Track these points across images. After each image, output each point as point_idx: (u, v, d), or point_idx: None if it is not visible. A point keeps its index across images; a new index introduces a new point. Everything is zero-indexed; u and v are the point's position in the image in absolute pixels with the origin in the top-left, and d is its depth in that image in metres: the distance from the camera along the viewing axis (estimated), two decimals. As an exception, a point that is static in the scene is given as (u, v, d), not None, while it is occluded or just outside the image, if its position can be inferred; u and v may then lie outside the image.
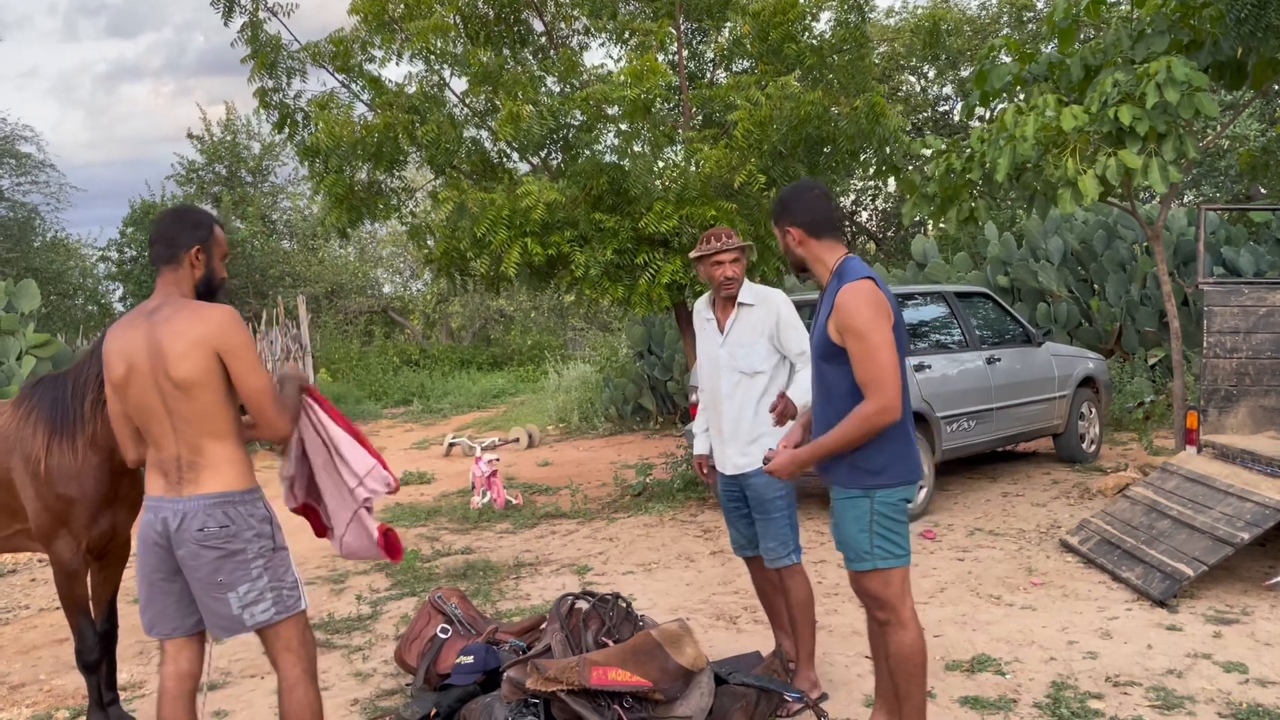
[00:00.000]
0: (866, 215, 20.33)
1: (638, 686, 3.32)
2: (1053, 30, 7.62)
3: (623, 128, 7.52)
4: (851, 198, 19.39)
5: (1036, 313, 11.69)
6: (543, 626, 4.00)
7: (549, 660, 3.46)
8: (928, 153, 7.79)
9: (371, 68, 7.98)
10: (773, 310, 3.84)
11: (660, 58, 7.49)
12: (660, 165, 7.69)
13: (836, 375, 3.00)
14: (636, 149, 7.44)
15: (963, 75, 17.33)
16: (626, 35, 7.99)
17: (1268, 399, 5.87)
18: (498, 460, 8.49)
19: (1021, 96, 7.71)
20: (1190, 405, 6.13)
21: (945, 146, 7.21)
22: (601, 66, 8.64)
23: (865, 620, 3.25)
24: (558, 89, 8.11)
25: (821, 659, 4.17)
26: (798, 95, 7.01)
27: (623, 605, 3.95)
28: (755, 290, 3.90)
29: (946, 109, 18.78)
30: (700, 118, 8.11)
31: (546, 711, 3.34)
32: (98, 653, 3.78)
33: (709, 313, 4.01)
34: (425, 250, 8.70)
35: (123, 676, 4.48)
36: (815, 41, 7.79)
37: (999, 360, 7.60)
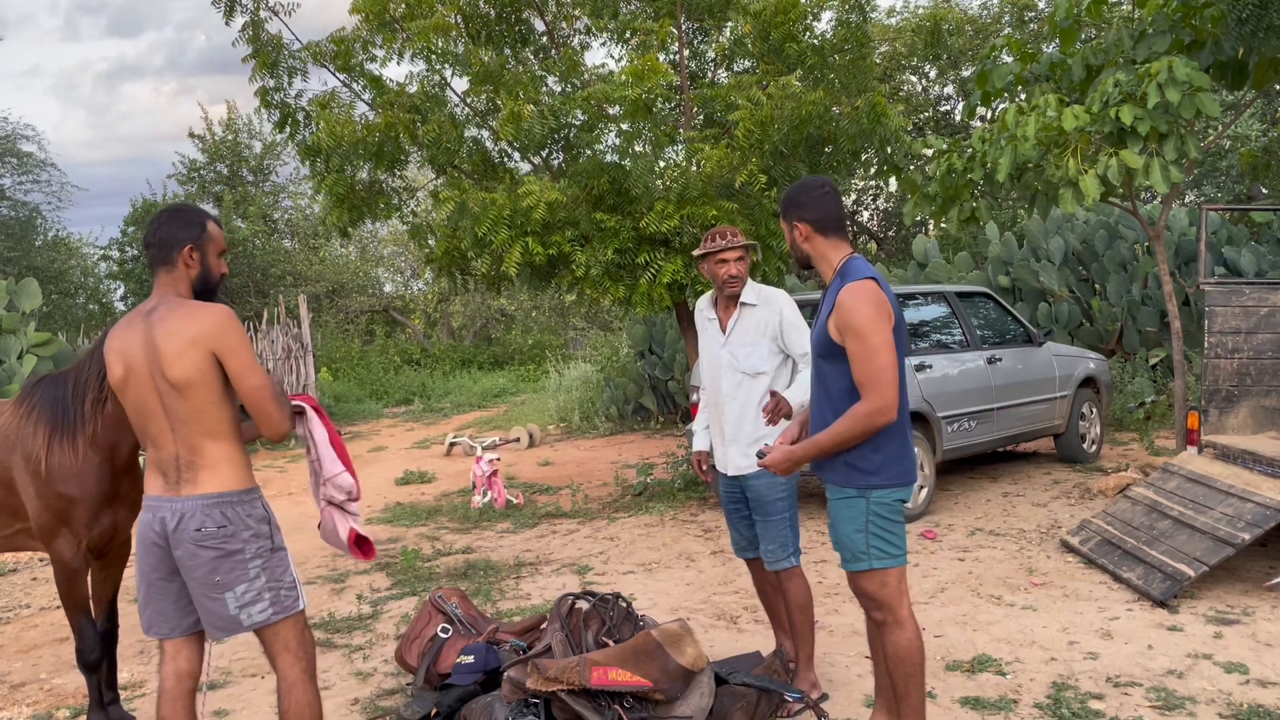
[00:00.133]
0: (868, 215, 20.32)
1: (638, 686, 3.32)
2: (1054, 30, 7.62)
3: (624, 127, 7.52)
4: (853, 197, 19.39)
5: (1038, 313, 11.68)
6: (543, 626, 4.00)
7: (549, 660, 3.46)
8: (929, 152, 7.79)
9: (373, 67, 8.00)
10: (775, 310, 3.81)
11: (661, 57, 7.49)
12: (661, 165, 7.69)
13: (835, 374, 3.00)
14: (638, 149, 7.44)
15: (964, 75, 17.32)
16: (628, 35, 7.99)
17: (1269, 399, 5.87)
18: (498, 460, 8.49)
19: (1023, 96, 7.70)
20: (1191, 405, 6.12)
21: (946, 146, 7.21)
22: (603, 66, 8.64)
23: (865, 620, 3.25)
24: (559, 89, 8.11)
25: (822, 659, 4.17)
26: (799, 95, 7.00)
27: (623, 605, 3.95)
28: (758, 290, 3.87)
29: (948, 109, 18.77)
30: (701, 117, 8.10)
31: (547, 711, 3.34)
32: (98, 652, 3.78)
33: (711, 312, 3.97)
34: (426, 250, 8.72)
35: (123, 676, 4.48)
36: (816, 41, 7.78)
37: (1000, 360, 7.59)
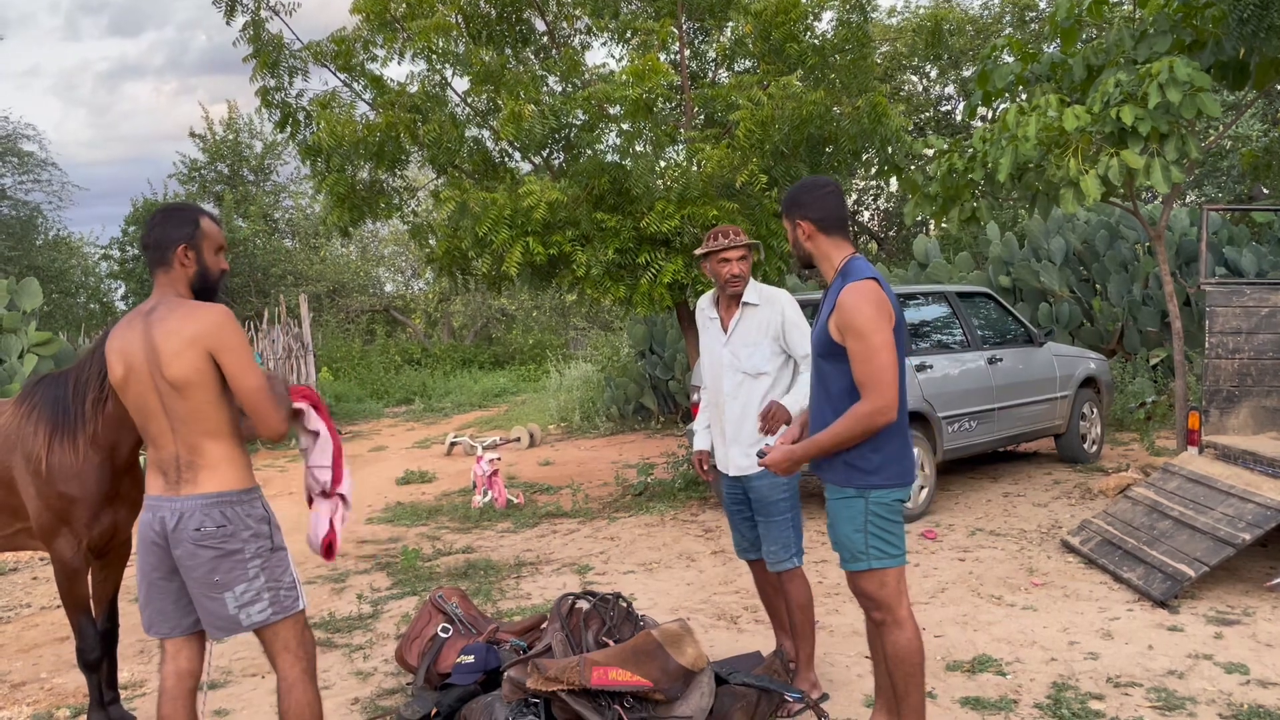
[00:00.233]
0: (868, 215, 20.31)
1: (638, 686, 3.32)
2: (1055, 30, 7.61)
3: (624, 127, 7.52)
4: (853, 197, 19.37)
5: (1038, 313, 11.68)
6: (543, 626, 4.00)
7: (549, 660, 3.46)
8: (930, 152, 7.78)
9: (373, 67, 8.00)
10: (778, 311, 3.79)
11: (662, 57, 7.49)
12: (662, 165, 7.69)
13: (836, 373, 3.00)
14: (638, 148, 7.44)
15: (965, 75, 17.31)
16: (628, 34, 7.99)
17: (1269, 400, 5.87)
18: (499, 459, 8.49)
19: (1024, 96, 7.70)
20: (1192, 406, 6.12)
21: (947, 146, 7.20)
22: (603, 66, 8.65)
23: (865, 620, 3.24)
24: (559, 88, 8.11)
25: (822, 659, 4.17)
26: (800, 95, 7.00)
27: (623, 605, 3.95)
28: (761, 290, 3.84)
29: (948, 109, 18.76)
30: (702, 117, 8.10)
31: (547, 711, 3.34)
32: (99, 651, 3.78)
33: (713, 311, 3.94)
34: (427, 249, 8.72)
35: (123, 675, 4.48)
36: (817, 41, 7.78)
37: (1001, 360, 7.59)
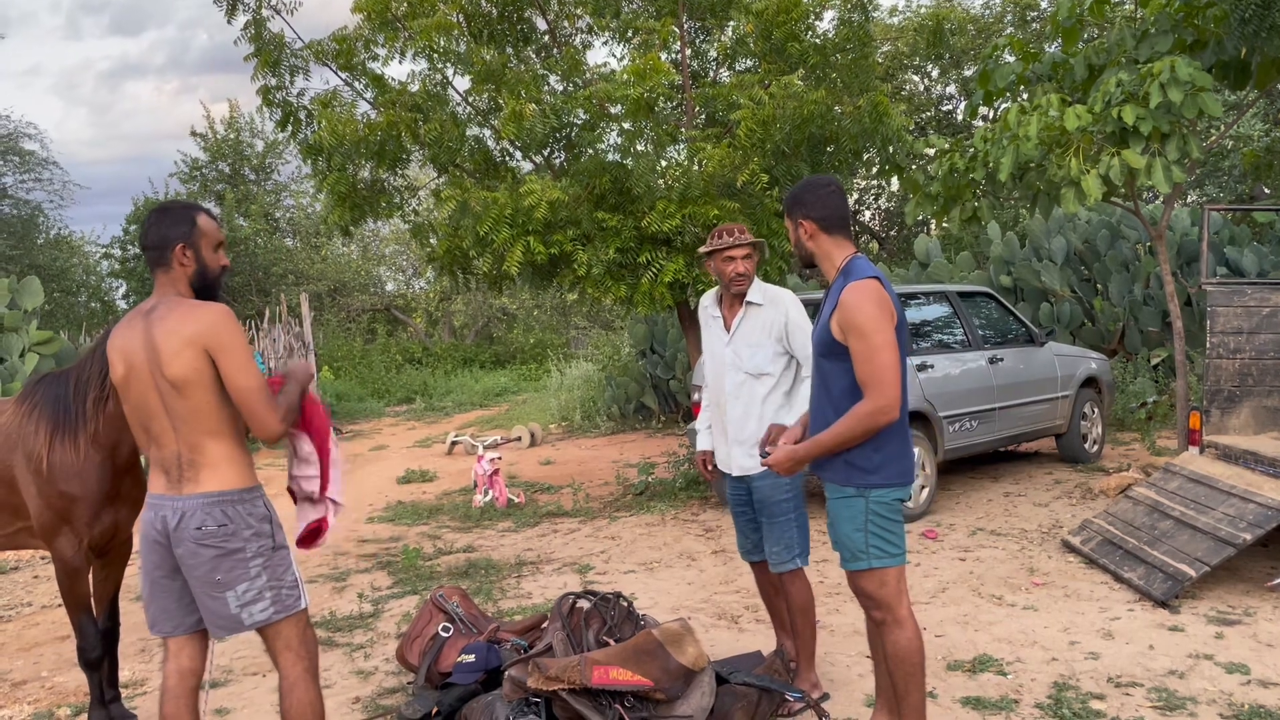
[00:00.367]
0: (869, 214, 20.31)
1: (639, 686, 3.32)
2: (1056, 29, 7.61)
3: (626, 126, 7.52)
4: (855, 197, 19.37)
5: (1039, 312, 11.68)
6: (544, 625, 4.00)
7: (550, 659, 3.46)
8: (931, 152, 7.78)
9: (374, 66, 7.99)
10: (781, 311, 3.75)
11: (663, 56, 7.48)
12: (663, 164, 7.68)
13: (837, 373, 3.00)
14: (639, 148, 7.44)
15: (966, 74, 17.31)
16: (629, 34, 7.99)
17: (1271, 400, 5.86)
18: (500, 459, 8.49)
19: (1025, 96, 7.70)
20: (1193, 406, 6.12)
21: (948, 146, 7.20)
22: (604, 65, 8.66)
23: (865, 620, 3.24)
24: (561, 88, 8.11)
25: (823, 658, 4.17)
26: (801, 94, 7.00)
27: (624, 604, 3.95)
28: (765, 290, 3.81)
29: (950, 108, 18.76)
30: (703, 117, 8.10)
31: (548, 710, 3.35)
32: (99, 650, 3.78)
33: (716, 309, 3.91)
34: (428, 249, 8.72)
35: (124, 674, 4.49)
36: (818, 40, 7.77)
37: (1001, 360, 7.59)
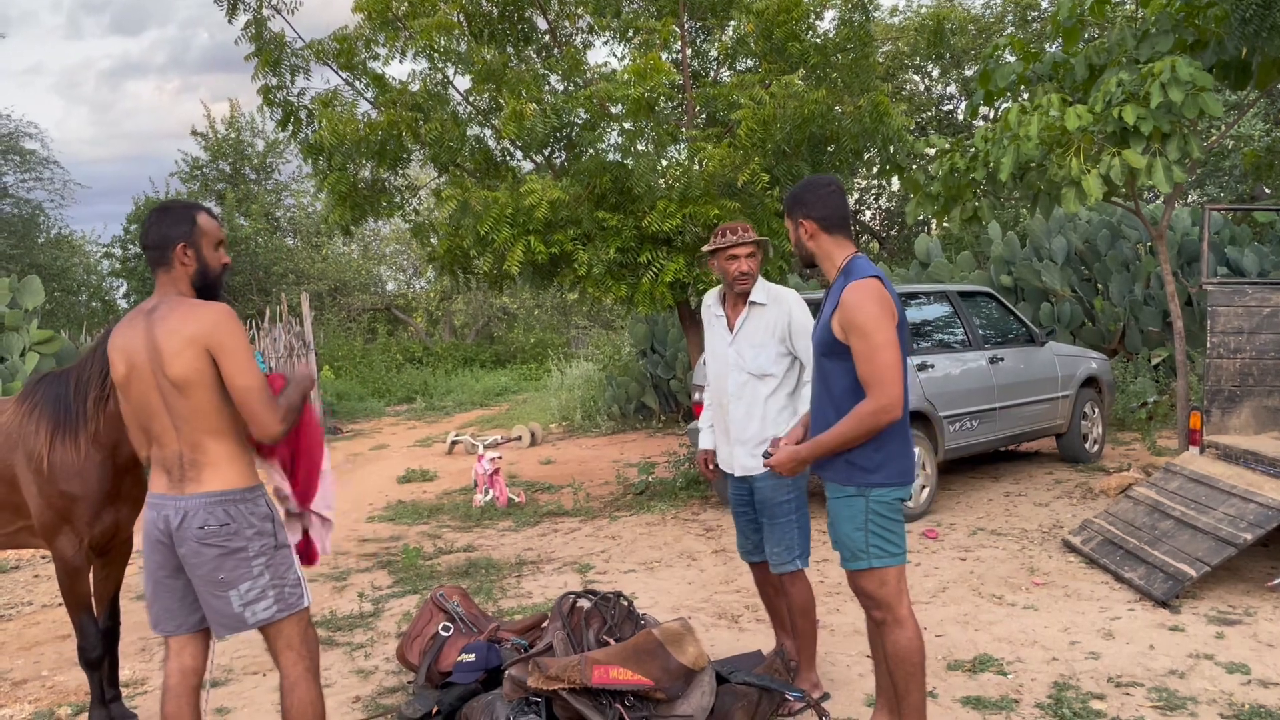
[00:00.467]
0: (870, 214, 20.30)
1: (639, 685, 3.32)
2: (1057, 29, 7.60)
3: (626, 126, 7.52)
4: (855, 197, 19.37)
5: (1040, 312, 11.67)
6: (544, 625, 4.00)
7: (550, 659, 3.46)
8: (931, 152, 7.78)
9: (375, 65, 8.00)
10: (785, 312, 3.72)
11: (664, 56, 7.49)
12: (664, 164, 7.69)
13: (838, 372, 3.00)
14: (640, 147, 7.44)
15: (967, 74, 17.31)
16: (630, 33, 7.99)
17: (1271, 400, 5.86)
18: (500, 458, 8.49)
19: (1026, 96, 7.70)
20: (1193, 406, 6.11)
21: (949, 146, 7.20)
22: (605, 65, 8.66)
23: (865, 619, 3.24)
24: (561, 87, 8.11)
25: (823, 658, 4.17)
26: (801, 94, 7.00)
27: (624, 604, 3.95)
28: (769, 289, 3.77)
29: (950, 108, 18.76)
30: (704, 116, 8.10)
31: (548, 710, 3.35)
32: (100, 649, 3.78)
33: (719, 308, 3.88)
34: (428, 248, 8.72)
35: (125, 673, 4.49)
36: (819, 40, 7.78)
37: (1002, 360, 7.58)
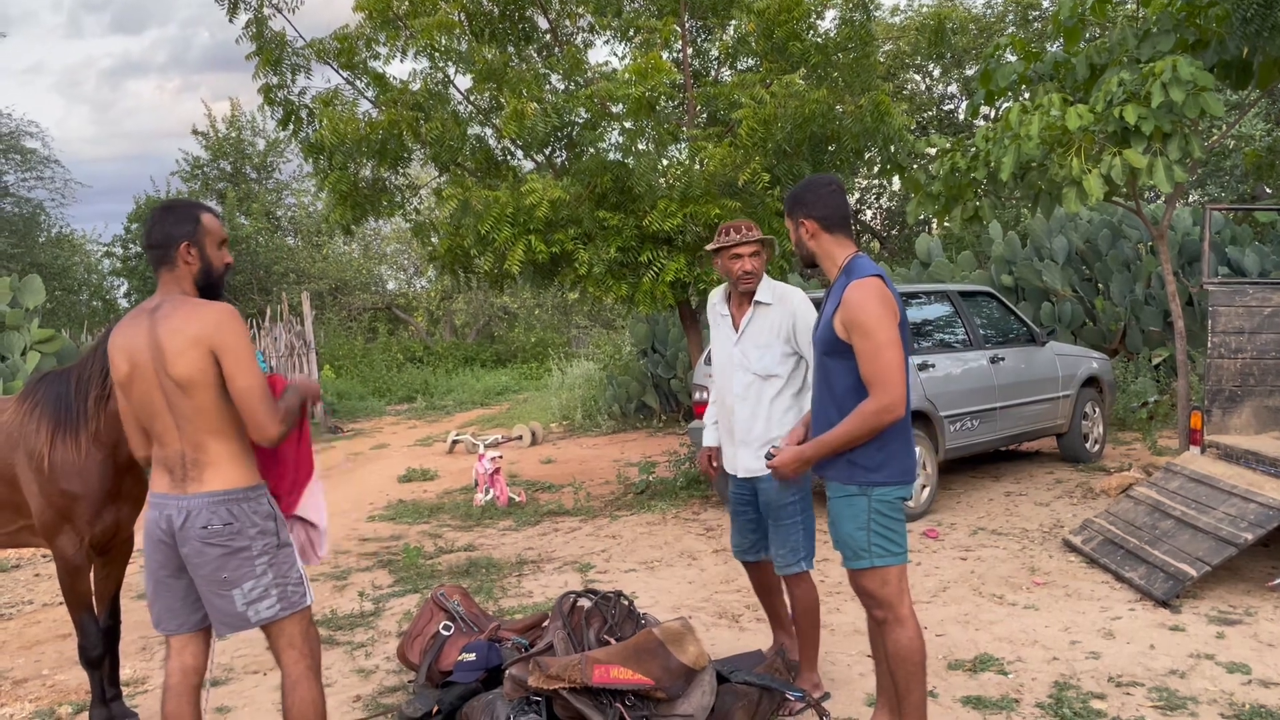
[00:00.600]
0: (871, 214, 20.31)
1: (640, 684, 3.32)
2: (1058, 29, 7.60)
3: (627, 125, 7.52)
4: (856, 196, 19.37)
5: (1041, 312, 11.67)
6: (545, 624, 4.00)
7: (551, 658, 3.46)
8: (932, 151, 7.78)
9: (376, 64, 8.01)
10: (790, 311, 3.69)
11: (665, 55, 7.49)
12: (664, 163, 7.69)
13: (840, 371, 3.00)
14: (641, 147, 7.44)
15: (968, 74, 17.31)
16: (631, 33, 7.99)
17: (1272, 399, 5.86)
18: (501, 457, 8.50)
19: (1027, 95, 7.69)
20: (1194, 405, 6.11)
21: (950, 145, 7.20)
22: (606, 64, 8.66)
23: (866, 619, 3.24)
24: (562, 86, 8.12)
25: (824, 658, 4.17)
26: (802, 93, 7.00)
27: (625, 603, 3.95)
28: (774, 288, 3.74)
29: (951, 108, 18.76)
30: (705, 116, 8.10)
31: (548, 709, 3.35)
32: (100, 648, 3.78)
33: (724, 307, 3.85)
34: (429, 247, 8.73)
35: (125, 672, 4.49)
36: (820, 40, 7.78)
37: (1003, 359, 7.58)
